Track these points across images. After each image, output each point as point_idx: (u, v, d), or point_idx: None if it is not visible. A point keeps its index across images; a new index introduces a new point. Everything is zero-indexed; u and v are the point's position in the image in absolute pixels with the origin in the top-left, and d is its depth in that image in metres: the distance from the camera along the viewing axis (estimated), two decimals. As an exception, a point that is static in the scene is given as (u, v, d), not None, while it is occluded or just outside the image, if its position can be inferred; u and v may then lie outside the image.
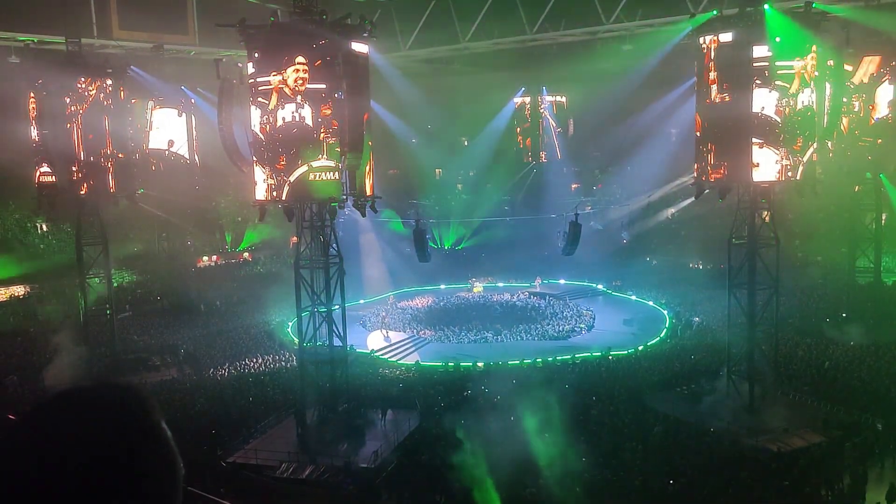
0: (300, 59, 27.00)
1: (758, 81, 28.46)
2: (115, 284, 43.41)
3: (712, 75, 29.56)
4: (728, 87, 29.08)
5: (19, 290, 50.95)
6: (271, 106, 27.36)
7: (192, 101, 46.19)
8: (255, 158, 28.41)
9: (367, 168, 29.46)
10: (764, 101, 28.62)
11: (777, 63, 28.29)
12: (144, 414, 1.96)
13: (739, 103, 28.67)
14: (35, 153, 37.42)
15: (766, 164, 28.92)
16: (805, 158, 29.21)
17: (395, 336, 46.67)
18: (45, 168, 37.34)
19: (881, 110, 38.06)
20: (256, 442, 29.84)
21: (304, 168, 27.65)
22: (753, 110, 28.52)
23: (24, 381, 35.44)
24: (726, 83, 29.12)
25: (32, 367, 37.21)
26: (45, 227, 53.72)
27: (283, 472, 27.64)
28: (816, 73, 28.91)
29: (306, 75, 27.11)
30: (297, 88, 27.17)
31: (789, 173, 29.03)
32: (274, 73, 27.22)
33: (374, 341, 45.64)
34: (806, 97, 28.83)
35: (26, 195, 42.42)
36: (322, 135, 27.59)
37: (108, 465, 1.80)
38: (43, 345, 39.69)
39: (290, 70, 27.01)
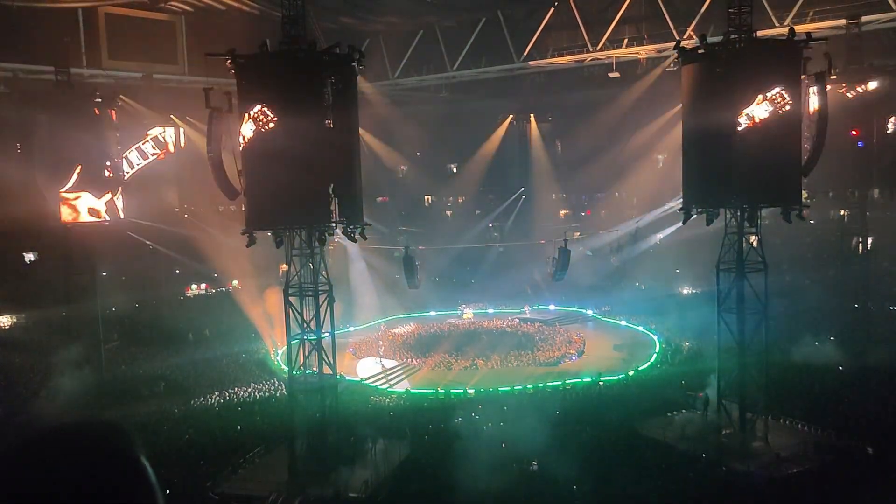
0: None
1: (744, 104, 28.81)
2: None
3: (699, 100, 29.95)
4: (713, 111, 29.38)
5: (5, 321, 50.57)
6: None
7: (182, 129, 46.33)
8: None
9: (356, 195, 29.50)
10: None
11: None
12: (126, 450, 1.95)
13: (726, 126, 28.97)
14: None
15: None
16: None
17: (385, 364, 46.45)
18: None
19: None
20: (245, 472, 29.51)
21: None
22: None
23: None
24: (712, 107, 29.42)
25: (20, 400, 36.79)
26: (32, 257, 53.44)
27: (272, 502, 27.30)
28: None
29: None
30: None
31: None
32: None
33: (366, 369, 45.42)
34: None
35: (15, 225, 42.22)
36: (311, 161, 27.62)
37: (91, 503, 1.79)
38: (30, 376, 39.31)
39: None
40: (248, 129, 27.68)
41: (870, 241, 44.12)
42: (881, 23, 38.44)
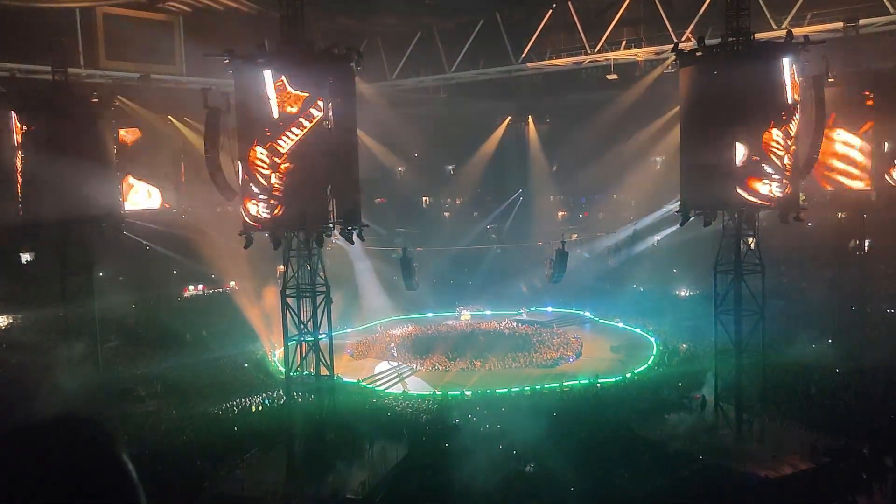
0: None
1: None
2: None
3: (697, 102, 30.03)
4: (711, 114, 29.43)
5: (1, 322, 50.49)
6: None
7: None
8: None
9: (354, 196, 29.52)
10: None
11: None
12: (106, 447, 1.94)
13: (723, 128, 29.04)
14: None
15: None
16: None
17: (382, 365, 46.46)
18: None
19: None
20: (243, 472, 29.50)
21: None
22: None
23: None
24: (710, 109, 29.47)
25: (16, 400, 36.66)
26: (28, 257, 53.38)
27: (269, 503, 27.30)
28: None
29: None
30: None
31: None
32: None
33: (369, 370, 45.35)
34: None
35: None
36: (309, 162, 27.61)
37: (70, 500, 1.79)
38: (26, 376, 39.16)
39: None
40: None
41: (867, 243, 44.13)
42: (879, 26, 38.50)
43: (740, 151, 29.10)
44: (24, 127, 36.74)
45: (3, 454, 1.83)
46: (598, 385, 39.91)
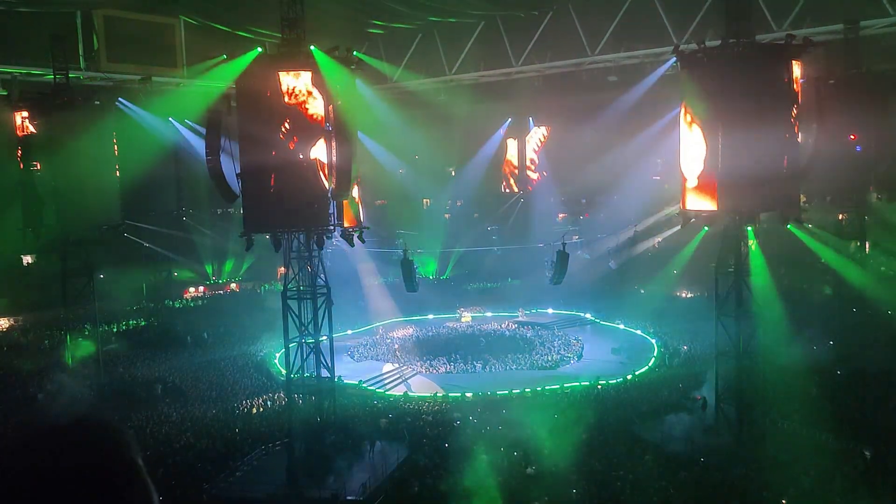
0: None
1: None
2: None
3: (697, 104, 30.02)
4: (711, 115, 29.43)
5: (2, 324, 50.52)
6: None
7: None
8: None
9: (355, 198, 29.56)
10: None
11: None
12: (122, 451, 1.95)
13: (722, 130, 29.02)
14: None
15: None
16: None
17: (383, 367, 46.43)
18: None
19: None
20: (243, 475, 29.49)
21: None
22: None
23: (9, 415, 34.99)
24: (710, 111, 29.47)
25: (16, 402, 36.73)
26: (29, 259, 53.41)
27: (270, 505, 27.33)
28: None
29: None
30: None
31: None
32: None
33: (369, 371, 45.28)
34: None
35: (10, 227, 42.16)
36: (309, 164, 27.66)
37: (85, 502, 1.80)
38: (27, 379, 39.25)
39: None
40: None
41: (867, 245, 44.15)
42: (879, 27, 38.52)
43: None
44: (26, 129, 36.85)
45: (20, 458, 1.85)
46: (599, 387, 39.89)
